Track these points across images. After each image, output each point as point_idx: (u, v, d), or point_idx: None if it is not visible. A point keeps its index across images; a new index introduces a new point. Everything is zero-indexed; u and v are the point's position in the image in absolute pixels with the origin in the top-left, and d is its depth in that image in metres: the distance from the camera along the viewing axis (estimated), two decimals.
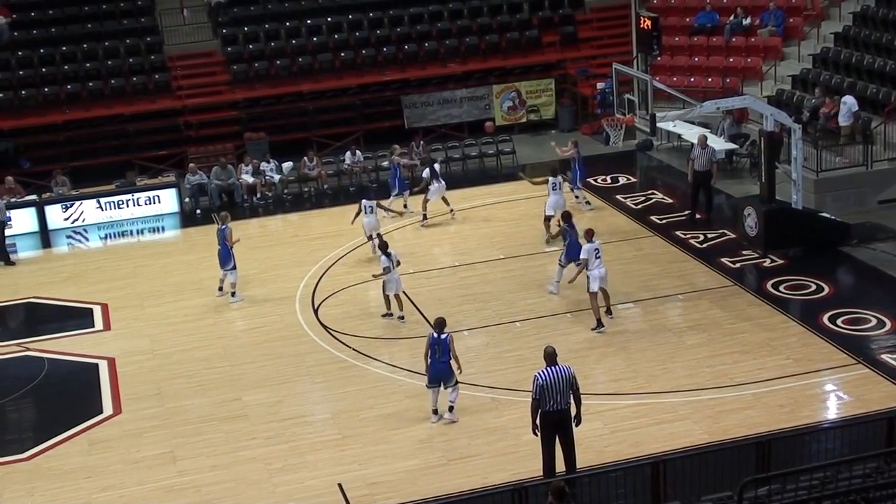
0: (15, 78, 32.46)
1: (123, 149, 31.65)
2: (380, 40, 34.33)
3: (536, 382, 15.00)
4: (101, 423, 18.23)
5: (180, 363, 19.94)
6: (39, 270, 25.98)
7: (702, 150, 25.29)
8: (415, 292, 22.14)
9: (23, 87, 32.24)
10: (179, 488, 16.09)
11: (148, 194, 29.06)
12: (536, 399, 15.03)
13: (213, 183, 29.28)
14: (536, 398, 15.03)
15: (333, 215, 27.89)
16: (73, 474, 16.63)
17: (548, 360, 15.14)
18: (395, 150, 28.06)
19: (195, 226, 28.19)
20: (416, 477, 15.82)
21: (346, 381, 18.90)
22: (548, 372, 15.00)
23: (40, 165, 30.91)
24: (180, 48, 34.27)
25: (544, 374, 14.99)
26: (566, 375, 15.03)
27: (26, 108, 31.97)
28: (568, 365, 15.22)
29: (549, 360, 15.14)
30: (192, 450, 17.05)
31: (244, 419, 17.84)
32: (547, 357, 15.20)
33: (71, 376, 20.14)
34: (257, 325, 21.43)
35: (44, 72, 32.71)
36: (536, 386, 14.99)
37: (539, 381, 14.98)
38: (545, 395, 14.95)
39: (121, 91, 32.58)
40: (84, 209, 28.66)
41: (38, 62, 32.91)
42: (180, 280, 24.25)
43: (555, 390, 14.95)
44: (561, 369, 15.05)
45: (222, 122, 32.95)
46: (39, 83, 32.44)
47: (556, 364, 15.09)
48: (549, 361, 15.13)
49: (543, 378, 14.97)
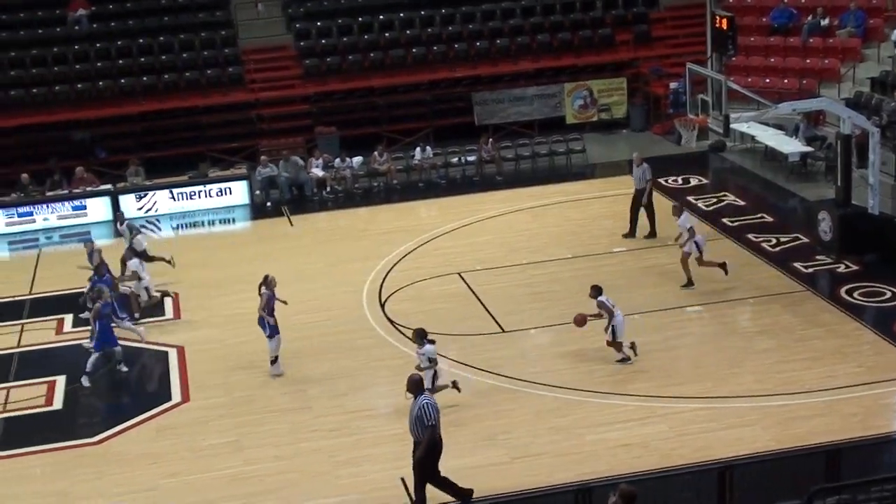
0: (93, 69, 32.93)
1: (197, 140, 31.94)
2: (452, 36, 34.31)
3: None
4: (169, 410, 18.44)
5: (247, 354, 20.06)
6: (113, 258, 26.25)
7: (637, 168, 24.71)
8: (483, 289, 22.11)
9: (100, 78, 32.70)
10: (244, 477, 16.20)
11: (219, 186, 29.36)
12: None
13: (282, 176, 29.49)
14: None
15: (402, 210, 27.96)
16: (141, 460, 16.84)
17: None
18: None
19: (265, 218, 28.41)
20: (479, 474, 15.76)
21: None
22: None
23: (116, 155, 31.33)
24: (254, 42, 34.55)
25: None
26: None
27: (103, 99, 32.41)
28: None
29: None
30: (257, 439, 17.17)
31: (308, 411, 17.93)
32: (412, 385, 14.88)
33: (142, 363, 20.38)
34: (324, 319, 21.51)
35: (120, 63, 33.14)
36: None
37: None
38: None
39: (195, 83, 32.94)
40: (157, 199, 29.04)
41: (115, 54, 33.37)
42: (249, 271, 24.25)
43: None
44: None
45: (294, 115, 33.17)
46: (116, 74, 32.89)
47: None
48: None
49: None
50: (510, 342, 20.08)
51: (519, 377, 18.52)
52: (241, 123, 32.86)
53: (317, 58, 33.73)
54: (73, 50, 33.24)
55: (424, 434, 14.67)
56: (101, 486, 16.21)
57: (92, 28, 34.00)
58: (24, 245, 27.83)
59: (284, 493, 15.76)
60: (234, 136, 32.44)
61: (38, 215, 28.51)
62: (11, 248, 27.90)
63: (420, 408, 14.65)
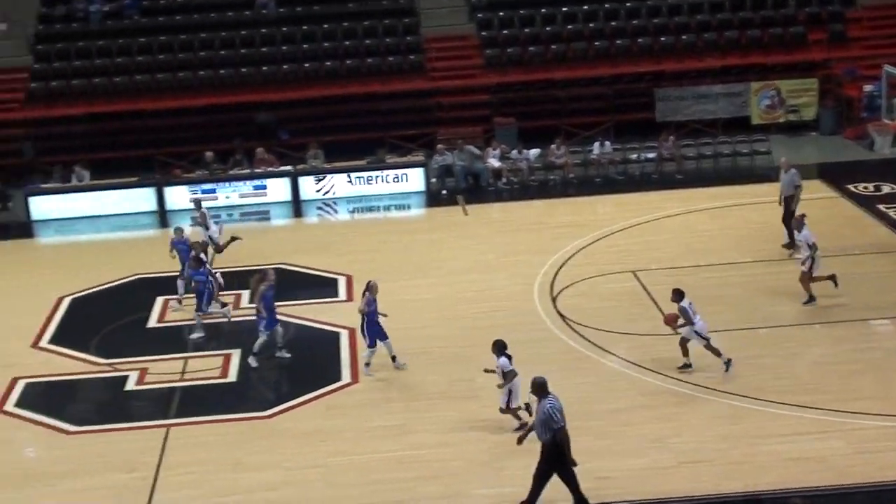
0: (278, 53, 33.71)
1: (376, 126, 32.31)
2: (636, 30, 33.81)
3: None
4: (338, 390, 18.67)
5: (417, 339, 20.16)
6: (290, 238, 26.96)
7: (784, 174, 23.59)
8: (657, 289, 21.68)
9: (285, 61, 33.43)
10: (409, 461, 16.28)
11: (396, 172, 29.64)
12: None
13: (458, 164, 29.58)
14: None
15: (577, 205, 27.71)
16: (309, 436, 17.10)
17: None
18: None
19: (440, 206, 28.55)
20: (645, 476, 15.46)
21: (579, 373, 18.68)
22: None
23: (297, 137, 31.98)
24: (436, 30, 34.76)
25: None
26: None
27: (287, 82, 33.12)
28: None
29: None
30: (424, 424, 17.22)
31: (475, 400, 17.88)
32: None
33: (313, 342, 20.70)
34: (495, 309, 21.45)
35: (305, 48, 33.84)
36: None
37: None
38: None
39: (377, 69, 33.34)
40: (335, 182, 29.51)
41: (300, 38, 34.06)
42: (421, 258, 24.59)
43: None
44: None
45: (473, 105, 33.25)
46: (301, 58, 33.57)
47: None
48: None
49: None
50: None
51: (690, 381, 18.07)
52: (420, 111, 33.12)
53: (498, 48, 33.71)
54: (260, 33, 34.07)
55: (549, 436, 14.49)
56: (271, 459, 16.52)
57: (279, 12, 34.78)
58: None
59: (446, 479, 15.75)
60: (412, 123, 32.69)
61: (220, 193, 29.34)
62: (194, 222, 28.71)
63: (545, 411, 14.53)
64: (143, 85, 32.89)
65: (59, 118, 32.61)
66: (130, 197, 29.35)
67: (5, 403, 18.78)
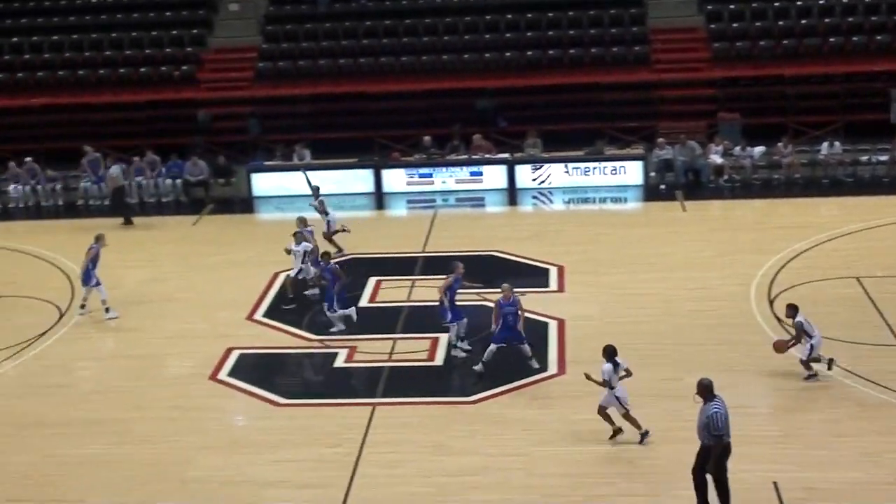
0: (502, 40, 33.73)
1: (595, 117, 31.90)
2: (874, 27, 32.27)
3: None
4: (544, 380, 18.49)
5: (627, 335, 19.72)
6: (505, 226, 26.97)
7: None
8: (882, 297, 20.61)
9: (508, 48, 33.38)
10: (614, 458, 15.98)
11: (614, 164, 29.25)
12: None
13: (679, 159, 28.91)
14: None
15: (802, 206, 26.74)
16: (513, 424, 16.98)
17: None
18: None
19: (657, 201, 28.02)
20: (858, 491, 14.69)
21: (792, 379, 17.92)
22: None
23: (515, 125, 31.87)
24: (663, 22, 34.11)
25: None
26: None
27: (509, 70, 33.08)
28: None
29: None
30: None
31: (684, 400, 17.19)
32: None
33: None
34: (709, 308, 20.84)
35: (528, 35, 33.79)
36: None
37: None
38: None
39: (600, 60, 32.97)
40: (551, 172, 29.32)
41: (524, 26, 33.99)
42: (636, 253, 24.14)
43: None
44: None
45: (697, 99, 32.46)
46: (524, 46, 33.48)
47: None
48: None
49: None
50: None
51: None
52: (642, 103, 32.57)
53: (727, 41, 32.79)
54: (485, 20, 34.14)
55: (712, 441, 14.15)
56: (474, 444, 16.48)
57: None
58: (421, 204, 28.99)
59: (651, 478, 15.37)
60: (633, 115, 32.15)
61: (437, 177, 29.59)
62: (409, 206, 29.16)
63: (708, 416, 14.16)
64: (366, 68, 33.50)
65: (284, 97, 33.58)
66: (348, 178, 29.94)
67: (219, 372, 19.40)
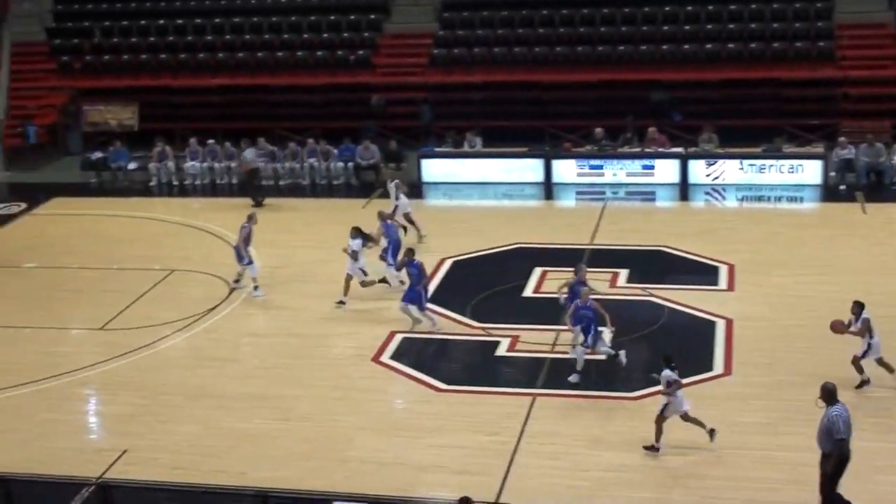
0: (679, 31, 33.02)
1: (775, 113, 30.91)
2: None
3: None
4: (708, 380, 17.99)
5: (798, 337, 19.09)
6: (675, 221, 26.39)
7: None
8: None
9: (686, 41, 32.66)
10: (774, 462, 15.44)
11: (792, 162, 28.27)
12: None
13: (861, 160, 27.75)
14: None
15: None
16: (673, 423, 16.42)
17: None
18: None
19: (836, 202, 27.00)
20: None
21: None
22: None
23: (690, 119, 31.12)
24: (851, 17, 32.85)
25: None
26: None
27: (687, 63, 32.34)
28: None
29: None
30: (795, 426, 16.11)
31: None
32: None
33: (687, 329, 20.08)
34: (889, 315, 19.54)
35: (708, 28, 32.99)
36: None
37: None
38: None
39: (782, 55, 31.95)
40: (726, 168, 28.53)
41: (704, 18, 33.21)
42: (811, 254, 23.31)
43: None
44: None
45: (883, 97, 31.06)
46: (703, 39, 32.70)
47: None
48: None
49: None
50: None
51: None
52: (824, 100, 31.44)
53: None
54: (663, 11, 33.46)
55: (831, 446, 13.72)
56: (631, 440, 16.11)
57: None
58: (591, 196, 28.60)
59: (813, 485, 14.52)
60: (814, 112, 31.07)
61: (607, 170, 29.11)
62: (578, 197, 28.79)
63: (829, 419, 13.80)
64: (541, 57, 33.23)
65: (458, 84, 33.56)
66: (518, 167, 29.74)
67: (381, 354, 19.48)
